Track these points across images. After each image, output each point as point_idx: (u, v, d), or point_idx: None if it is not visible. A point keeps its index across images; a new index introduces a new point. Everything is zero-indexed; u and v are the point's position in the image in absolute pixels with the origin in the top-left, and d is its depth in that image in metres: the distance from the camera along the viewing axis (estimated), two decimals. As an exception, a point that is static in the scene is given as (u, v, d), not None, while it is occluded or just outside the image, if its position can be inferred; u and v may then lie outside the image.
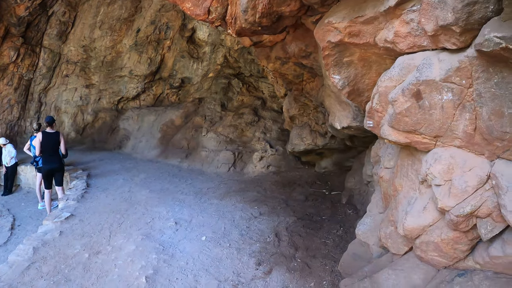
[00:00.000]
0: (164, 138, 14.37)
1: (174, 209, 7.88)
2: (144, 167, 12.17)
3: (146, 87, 17.20)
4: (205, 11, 5.65)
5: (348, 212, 7.72)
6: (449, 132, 3.45)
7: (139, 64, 16.73)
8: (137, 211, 7.67)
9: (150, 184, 9.94)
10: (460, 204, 3.46)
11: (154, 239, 6.37)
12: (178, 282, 5.26)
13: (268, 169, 10.81)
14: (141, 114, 16.18)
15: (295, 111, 9.45)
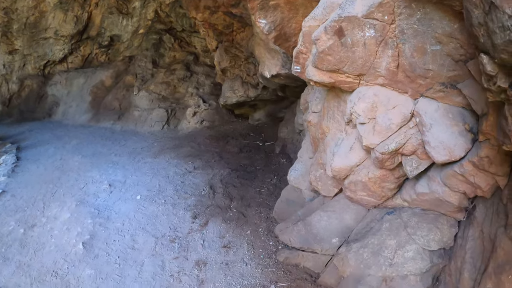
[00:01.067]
0: (95, 101, 13.73)
1: (108, 171, 7.65)
2: (75, 133, 11.59)
3: (74, 48, 16.13)
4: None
5: (281, 161, 7.83)
6: (372, 70, 3.46)
7: (64, 23, 15.56)
8: (70, 178, 7.36)
9: (82, 149, 9.55)
10: (385, 142, 3.53)
11: (88, 204, 6.19)
12: (116, 243, 5.19)
13: (202, 124, 10.67)
14: (70, 78, 15.27)
15: (226, 63, 9.28)
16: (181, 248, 5.20)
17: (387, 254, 4.08)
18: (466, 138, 3.32)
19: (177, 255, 5.05)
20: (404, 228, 4.07)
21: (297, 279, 4.67)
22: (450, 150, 3.29)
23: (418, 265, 3.97)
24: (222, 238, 5.41)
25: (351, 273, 4.25)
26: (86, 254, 4.94)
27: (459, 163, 3.39)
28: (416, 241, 3.99)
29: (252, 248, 5.22)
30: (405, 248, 4.02)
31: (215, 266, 4.89)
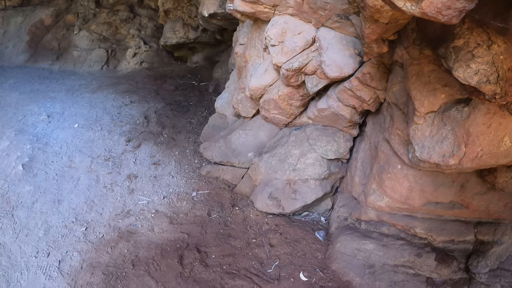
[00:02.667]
0: (33, 41, 13.50)
1: (46, 105, 7.97)
2: (12, 73, 11.46)
3: None
4: None
5: (213, 98, 8.54)
6: (284, 1, 4.35)
7: None
8: (8, 112, 7.58)
9: (20, 87, 9.63)
10: (290, 61, 4.44)
11: (27, 133, 6.54)
12: (54, 164, 5.71)
13: (141, 65, 11.11)
14: (7, 16, 14.70)
15: (169, 4, 9.81)
16: (114, 165, 5.90)
17: (291, 161, 5.05)
18: (354, 59, 4.27)
19: (111, 171, 5.75)
20: (307, 140, 5.05)
21: (217, 188, 5.60)
22: (340, 68, 4.24)
23: (317, 170, 4.97)
24: (153, 157, 6.19)
25: (261, 179, 5.21)
26: (26, 174, 5.42)
27: (348, 80, 4.37)
28: (316, 150, 4.97)
29: (179, 165, 6.06)
30: (306, 156, 5.01)
31: (145, 179, 5.68)
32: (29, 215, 4.77)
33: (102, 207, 5.05)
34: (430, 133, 3.53)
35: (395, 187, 4.24)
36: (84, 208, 4.98)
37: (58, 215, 4.83)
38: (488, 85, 2.70)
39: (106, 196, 5.24)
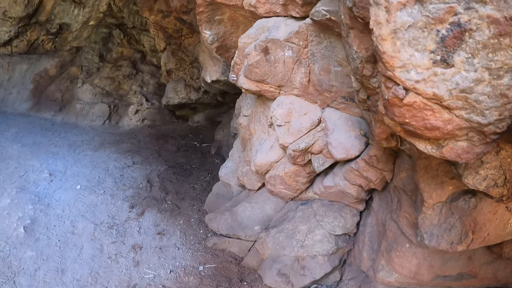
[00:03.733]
0: (37, 90, 13.71)
1: (48, 161, 7.94)
2: (14, 121, 11.58)
3: (20, 31, 15.84)
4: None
5: (216, 161, 8.66)
6: (289, 83, 4.47)
7: (14, 4, 15.30)
8: (10, 166, 7.55)
9: (22, 138, 9.67)
10: (297, 141, 4.53)
11: (29, 191, 6.50)
12: (56, 228, 5.66)
13: (143, 122, 11.25)
14: (13, 63, 14.99)
15: (172, 65, 10.04)
16: (118, 233, 5.84)
17: (299, 237, 5.05)
18: (360, 141, 4.36)
19: (115, 240, 5.69)
20: (314, 216, 5.07)
21: (224, 261, 5.53)
22: (347, 149, 4.32)
23: (325, 246, 4.97)
24: (157, 226, 6.16)
25: (269, 254, 5.19)
26: (27, 237, 5.36)
27: (355, 161, 4.45)
28: (323, 226, 4.99)
29: (184, 235, 6.03)
30: (314, 232, 5.02)
31: (150, 250, 5.61)
32: (32, 283, 4.70)
33: (108, 280, 4.97)
34: (438, 222, 3.64)
35: (404, 264, 4.30)
36: (88, 280, 4.90)
37: (62, 286, 4.75)
38: (495, 189, 2.79)
39: (111, 268, 5.17)
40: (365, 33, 2.51)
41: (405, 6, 1.93)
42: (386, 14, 1.97)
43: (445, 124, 2.06)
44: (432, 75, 1.94)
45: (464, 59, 1.89)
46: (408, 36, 1.95)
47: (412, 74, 2.00)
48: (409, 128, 2.18)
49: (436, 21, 1.93)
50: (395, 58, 2.00)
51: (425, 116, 2.07)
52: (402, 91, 2.04)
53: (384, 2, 1.95)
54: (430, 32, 1.95)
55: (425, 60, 1.96)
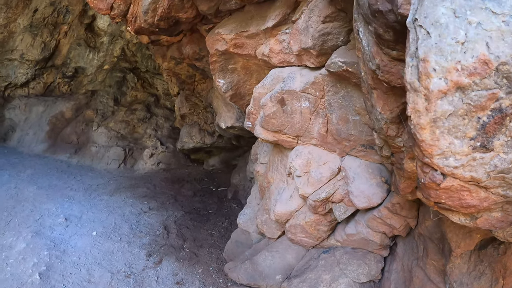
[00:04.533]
0: (53, 132, 13.91)
1: (64, 205, 7.96)
2: (31, 162, 11.73)
3: (37, 74, 16.21)
4: (108, 7, 6.12)
5: (233, 206, 8.59)
6: (307, 133, 4.44)
7: (32, 48, 15.77)
8: (25, 208, 7.59)
9: (38, 180, 9.73)
10: (317, 192, 4.46)
11: (44, 236, 6.48)
12: (72, 276, 5.58)
13: (158, 166, 11.30)
14: (29, 104, 15.29)
15: (186, 110, 10.13)
16: (136, 283, 5.74)
17: (323, 287, 4.91)
18: (382, 188, 4.28)
19: (132, 290, 5.60)
20: (337, 264, 4.94)
21: (245, 312, 5.43)
22: (369, 198, 4.23)
23: (349, 297, 4.82)
24: (175, 275, 6.05)
25: (291, 306, 5.04)
26: (43, 284, 5.29)
27: (377, 209, 4.35)
28: (347, 275, 4.85)
29: (203, 285, 5.90)
30: (338, 281, 4.87)
31: (169, 301, 5.55)
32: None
33: (125, 332, 4.87)
34: (467, 270, 3.54)
35: (432, 312, 4.14)
36: (105, 333, 4.77)
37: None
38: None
39: (129, 320, 5.09)
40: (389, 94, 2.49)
41: (446, 94, 1.87)
42: (425, 103, 1.90)
43: (481, 201, 2.01)
44: (471, 160, 1.88)
45: (504, 142, 1.84)
46: (448, 124, 1.89)
47: (450, 161, 1.95)
48: (443, 206, 2.12)
49: (477, 108, 1.87)
50: (434, 146, 1.95)
51: (461, 196, 2.01)
52: (439, 177, 1.99)
53: (424, 90, 1.89)
54: (471, 120, 1.89)
55: (464, 148, 1.92)
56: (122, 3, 6.11)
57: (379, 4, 2.12)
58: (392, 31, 2.14)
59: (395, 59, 2.27)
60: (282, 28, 4.61)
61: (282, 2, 4.68)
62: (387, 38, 2.19)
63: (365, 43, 2.50)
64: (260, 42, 4.94)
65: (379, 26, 2.19)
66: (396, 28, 2.10)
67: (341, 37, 3.94)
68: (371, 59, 2.46)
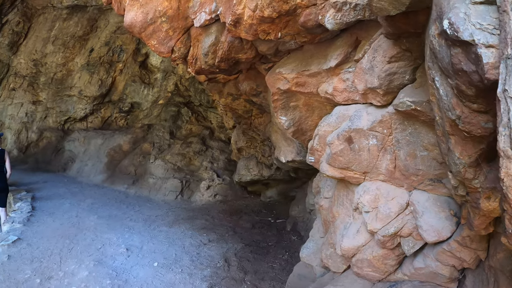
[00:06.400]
0: (111, 163, 14.51)
1: (124, 235, 8.23)
2: (90, 192, 12.26)
3: (95, 109, 17.14)
4: (169, 50, 6.49)
5: (292, 238, 8.64)
6: (374, 169, 4.52)
7: (89, 84, 16.77)
8: (87, 237, 7.91)
9: (98, 210, 10.12)
10: (386, 227, 4.50)
11: (106, 265, 6.72)
12: None
13: (215, 198, 11.53)
14: (88, 137, 16.12)
15: (243, 143, 10.39)
16: (199, 315, 5.93)
17: (390, 324, 4.89)
18: (451, 221, 4.28)
19: (197, 324, 5.77)
20: (405, 300, 4.91)
21: None
22: (438, 232, 4.24)
23: (418, 333, 4.76)
24: (239, 308, 6.19)
25: None
26: None
27: (447, 242, 4.34)
28: (415, 311, 4.81)
29: (267, 318, 6.00)
30: (405, 316, 4.84)
31: (233, 335, 5.63)
32: None
33: None
34: None
35: None
36: None
37: None
38: None
39: None
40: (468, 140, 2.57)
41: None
42: (517, 168, 2.00)
43: None
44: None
45: None
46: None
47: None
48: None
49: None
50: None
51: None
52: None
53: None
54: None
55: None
56: (182, 46, 6.46)
57: (463, 65, 2.22)
58: (474, 88, 2.24)
59: (476, 111, 2.37)
60: (345, 67, 4.77)
61: (343, 41, 4.85)
62: (469, 93, 2.29)
63: (443, 92, 2.61)
64: (322, 80, 5.10)
65: (462, 83, 2.29)
66: (479, 86, 2.19)
67: (407, 76, 4.04)
68: (450, 109, 2.56)
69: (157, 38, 6.41)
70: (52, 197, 11.18)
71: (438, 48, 2.51)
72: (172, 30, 6.32)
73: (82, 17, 16.52)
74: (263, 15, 4.59)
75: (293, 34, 4.93)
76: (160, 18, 6.19)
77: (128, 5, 6.34)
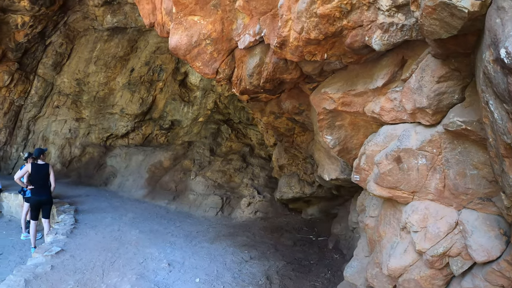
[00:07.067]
0: (152, 179, 14.85)
1: (166, 250, 8.35)
2: (131, 206, 12.57)
3: (136, 126, 17.75)
4: (213, 71, 6.69)
5: (335, 256, 8.59)
6: (423, 189, 4.51)
7: (130, 103, 17.43)
8: (129, 251, 8.07)
9: (139, 224, 10.32)
10: (434, 246, 4.47)
11: (148, 279, 6.83)
12: None
13: (255, 214, 11.60)
14: (129, 153, 16.62)
15: (284, 161, 10.47)
16: (243, 335, 5.97)
17: None
18: (501, 240, 4.21)
19: None
20: (453, 319, 4.83)
21: None
22: (488, 251, 4.18)
23: None
24: (281, 327, 6.21)
25: None
26: None
27: (496, 262, 4.26)
28: (463, 330, 4.72)
29: (311, 337, 6.00)
30: (453, 338, 4.76)
31: None
32: None
33: None
34: None
35: None
36: None
37: None
38: None
39: None
40: (523, 162, 2.60)
41: None
42: None
43: None
44: None
45: None
46: None
47: None
48: None
49: None
50: None
51: None
52: None
53: None
54: None
55: None
56: (227, 67, 6.65)
57: (520, 93, 2.26)
58: (531, 114, 2.28)
59: (531, 136, 2.40)
60: (392, 86, 4.82)
61: (389, 60, 4.90)
62: (524, 119, 2.33)
63: (498, 116, 2.64)
64: (368, 99, 5.15)
65: (518, 110, 2.33)
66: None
67: (456, 95, 4.06)
68: (505, 133, 2.59)
69: (201, 60, 6.62)
70: (94, 210, 11.53)
71: (493, 74, 2.55)
72: (217, 52, 6.52)
73: (122, 38, 17.34)
74: (309, 37, 4.71)
75: (339, 55, 5.03)
76: (205, 40, 6.41)
77: (173, 29, 6.58)
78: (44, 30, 16.29)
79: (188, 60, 6.79)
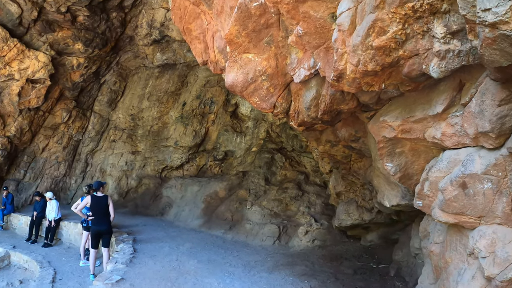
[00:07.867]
0: (208, 209, 15.17)
1: (225, 280, 8.42)
2: (188, 236, 12.85)
3: (190, 157, 18.39)
4: (271, 106, 6.93)
5: (397, 284, 8.45)
6: (490, 213, 4.50)
7: (184, 135, 18.15)
8: (188, 281, 8.20)
9: (197, 254, 10.48)
10: (504, 271, 4.42)
11: None
12: None
13: (313, 243, 11.58)
14: (185, 184, 17.15)
15: (341, 188, 10.49)
16: None
17: None
18: None
19: None
20: None
21: None
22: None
23: None
24: None
25: None
26: None
27: None
28: None
29: None
30: None
31: None
32: None
33: None
34: None
35: None
36: None
37: None
38: None
39: None
40: None
41: None
42: None
43: None
44: None
45: None
46: None
47: None
48: None
49: None
50: None
51: None
52: None
53: None
54: None
55: None
56: (284, 101, 6.87)
57: None
58: None
59: None
60: (451, 111, 4.87)
61: (446, 85, 4.97)
62: None
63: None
64: (428, 125, 5.21)
65: None
66: None
67: (518, 117, 4.08)
68: None
69: (258, 96, 6.88)
70: (151, 240, 11.88)
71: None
72: (273, 87, 6.77)
73: (172, 74, 18.33)
74: (366, 69, 4.86)
75: (396, 83, 5.14)
76: (260, 77, 6.67)
77: (228, 67, 6.90)
78: (98, 70, 17.68)
79: (245, 97, 7.05)
